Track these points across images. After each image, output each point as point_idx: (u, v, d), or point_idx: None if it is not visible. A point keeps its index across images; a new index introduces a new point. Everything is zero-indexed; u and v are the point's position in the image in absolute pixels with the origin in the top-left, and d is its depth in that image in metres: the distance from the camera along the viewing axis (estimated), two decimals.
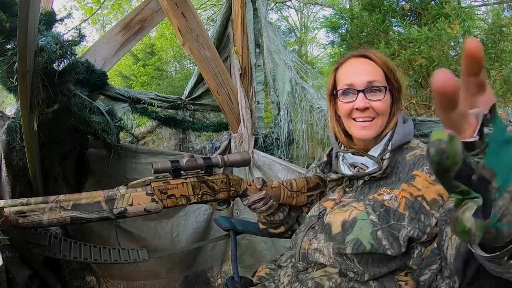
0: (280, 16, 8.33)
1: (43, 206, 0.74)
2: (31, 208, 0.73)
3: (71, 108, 1.31)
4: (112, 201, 0.80)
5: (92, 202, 0.78)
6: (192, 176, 0.89)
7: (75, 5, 4.95)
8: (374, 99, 0.82)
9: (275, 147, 1.90)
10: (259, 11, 1.96)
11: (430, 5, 2.22)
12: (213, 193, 0.91)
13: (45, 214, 0.74)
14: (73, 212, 0.76)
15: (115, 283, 1.72)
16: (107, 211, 0.79)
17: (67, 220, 0.76)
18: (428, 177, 0.76)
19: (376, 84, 0.82)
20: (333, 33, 2.75)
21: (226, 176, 0.95)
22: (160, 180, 0.86)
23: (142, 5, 1.96)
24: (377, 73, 0.84)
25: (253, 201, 0.96)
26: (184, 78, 5.65)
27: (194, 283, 1.90)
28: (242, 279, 1.07)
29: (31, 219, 0.73)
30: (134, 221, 1.72)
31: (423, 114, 2.14)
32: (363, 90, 0.82)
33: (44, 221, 0.74)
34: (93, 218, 0.78)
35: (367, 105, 0.82)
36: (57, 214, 0.75)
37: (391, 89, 0.85)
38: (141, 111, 1.92)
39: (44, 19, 1.28)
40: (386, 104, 0.84)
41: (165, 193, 0.84)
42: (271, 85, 1.90)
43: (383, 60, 0.85)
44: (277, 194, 0.99)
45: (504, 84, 1.95)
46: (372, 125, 0.83)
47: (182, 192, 0.87)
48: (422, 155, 0.80)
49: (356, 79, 0.84)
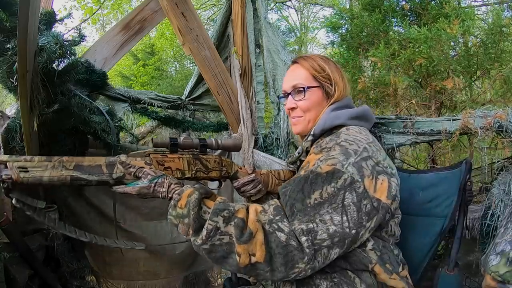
0: (280, 16, 8.33)
1: (46, 163, 0.76)
2: (34, 165, 0.74)
3: (71, 108, 1.31)
4: (112, 166, 0.82)
5: (93, 164, 0.80)
6: (188, 153, 0.96)
7: (75, 5, 4.94)
8: (298, 99, 0.96)
9: (275, 147, 1.90)
10: (259, 11, 1.96)
11: (430, 5, 2.21)
12: (206, 171, 0.98)
13: (47, 171, 0.75)
14: (74, 172, 0.78)
15: (115, 283, 1.72)
16: (106, 175, 0.81)
17: (67, 179, 0.77)
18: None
19: (298, 86, 0.96)
20: (333, 33, 2.74)
21: (219, 157, 1.03)
22: (158, 152, 0.91)
23: (142, 5, 1.96)
24: (301, 76, 0.97)
25: (243, 183, 1.03)
26: (184, 78, 5.64)
27: (194, 283, 1.90)
28: (240, 279, 1.07)
29: (32, 174, 0.74)
30: (134, 221, 1.72)
31: (423, 114, 2.14)
32: (290, 93, 0.98)
33: (44, 178, 0.75)
34: (93, 181, 0.80)
35: (293, 105, 0.98)
36: (59, 172, 0.76)
37: (320, 86, 0.95)
38: (141, 111, 1.92)
39: (44, 19, 1.28)
40: (309, 101, 0.95)
41: (162, 165, 0.89)
42: (271, 85, 1.90)
43: (310, 62, 0.97)
44: (265, 180, 1.07)
45: (504, 84, 1.95)
46: (299, 121, 0.98)
47: (178, 166, 0.92)
48: (331, 139, 0.87)
49: (285, 85, 1.00)
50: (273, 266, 0.72)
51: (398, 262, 0.86)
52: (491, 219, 1.24)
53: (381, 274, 0.81)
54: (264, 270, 0.72)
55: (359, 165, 0.77)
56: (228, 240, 0.73)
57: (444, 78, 2.02)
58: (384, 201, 0.78)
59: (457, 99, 2.16)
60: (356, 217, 0.74)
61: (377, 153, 0.83)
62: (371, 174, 0.78)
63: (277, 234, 0.73)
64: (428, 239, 1.01)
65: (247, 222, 0.74)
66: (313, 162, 0.83)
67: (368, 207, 0.76)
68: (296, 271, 0.72)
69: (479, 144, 1.35)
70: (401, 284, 0.82)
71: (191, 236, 0.75)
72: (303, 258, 0.71)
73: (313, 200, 0.75)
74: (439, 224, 1.01)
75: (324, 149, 0.85)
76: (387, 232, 0.85)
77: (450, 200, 1.00)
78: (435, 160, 1.96)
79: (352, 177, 0.75)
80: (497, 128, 1.21)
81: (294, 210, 0.76)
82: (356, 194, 0.75)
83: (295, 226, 0.74)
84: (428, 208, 1.04)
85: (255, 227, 0.73)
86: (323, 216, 0.74)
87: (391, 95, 2.05)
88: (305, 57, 1.00)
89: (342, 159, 0.78)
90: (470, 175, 0.99)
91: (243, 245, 0.71)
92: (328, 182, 0.76)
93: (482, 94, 2.16)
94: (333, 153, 0.81)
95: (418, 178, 1.09)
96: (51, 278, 1.44)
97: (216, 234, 0.73)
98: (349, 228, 0.74)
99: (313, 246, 0.71)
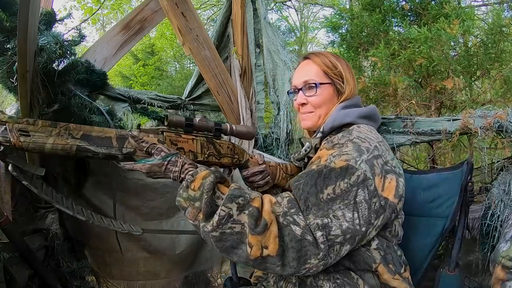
0: (280, 16, 8.33)
1: (50, 129, 0.68)
2: (37, 129, 0.66)
3: (71, 108, 1.31)
4: (123, 140, 0.76)
5: (103, 136, 0.73)
6: (202, 136, 0.92)
7: (75, 5, 4.95)
8: (309, 95, 0.96)
9: (275, 147, 1.90)
10: (259, 11, 1.96)
11: (430, 5, 2.21)
12: (218, 156, 0.94)
13: (51, 138, 0.67)
14: (81, 142, 0.70)
15: (115, 283, 1.72)
16: (116, 149, 0.74)
17: (72, 149, 0.69)
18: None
19: (310, 81, 0.95)
20: (333, 33, 2.74)
21: (232, 144, 1.00)
22: (172, 131, 0.86)
23: (142, 5, 1.96)
24: (313, 72, 0.96)
25: (252, 173, 1.01)
26: (184, 78, 5.64)
27: (194, 283, 1.90)
28: (241, 279, 1.07)
29: (34, 139, 0.66)
30: (134, 221, 1.72)
31: (423, 114, 2.14)
32: (301, 89, 0.97)
33: (47, 145, 0.67)
34: (100, 153, 0.73)
35: (304, 101, 0.97)
36: (64, 140, 0.68)
37: (331, 82, 0.95)
38: (141, 111, 1.92)
39: (44, 19, 1.28)
40: (321, 97, 0.94)
41: (175, 145, 0.84)
42: (271, 85, 1.90)
43: (321, 59, 0.96)
44: (273, 172, 1.05)
45: (504, 84, 1.95)
46: (309, 116, 0.97)
47: (191, 147, 0.88)
48: (343, 136, 0.86)
49: (296, 80, 0.99)
50: (285, 260, 0.70)
51: (401, 263, 0.85)
52: (491, 219, 1.24)
53: (384, 274, 0.80)
54: (275, 264, 0.70)
55: (371, 162, 0.77)
56: (240, 229, 0.70)
57: (444, 78, 2.03)
58: (392, 200, 0.78)
59: (457, 99, 2.16)
60: (366, 214, 0.74)
61: (386, 152, 0.82)
62: (381, 173, 0.77)
63: (292, 228, 0.70)
64: (429, 239, 1.01)
65: (262, 212, 0.71)
66: (326, 157, 0.81)
67: (377, 205, 0.75)
68: (308, 266, 0.70)
69: (479, 144, 1.35)
70: (403, 285, 0.82)
71: (200, 222, 0.71)
72: (317, 254, 0.69)
73: (326, 195, 0.74)
74: (440, 224, 1.01)
75: (336, 144, 0.84)
76: (391, 232, 0.85)
77: (451, 200, 1.00)
78: (435, 160, 1.97)
79: (365, 174, 0.75)
80: (497, 128, 1.22)
81: (309, 204, 0.74)
82: (368, 191, 0.74)
83: (310, 221, 0.72)
84: (429, 208, 1.04)
85: (270, 218, 0.71)
86: (336, 212, 0.73)
87: (391, 95, 2.06)
88: (317, 53, 0.99)
89: (355, 155, 0.77)
90: (471, 175, 0.99)
91: (257, 236, 0.68)
92: (342, 177, 0.75)
93: (482, 94, 2.16)
94: (346, 149, 0.80)
95: (420, 178, 1.09)
96: (51, 278, 1.44)
97: (228, 221, 0.69)
98: (360, 225, 0.73)
99: (327, 242, 0.70)
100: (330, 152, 0.82)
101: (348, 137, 0.84)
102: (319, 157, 0.85)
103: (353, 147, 0.80)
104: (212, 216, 0.70)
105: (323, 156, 0.83)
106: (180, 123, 0.87)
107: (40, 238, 1.45)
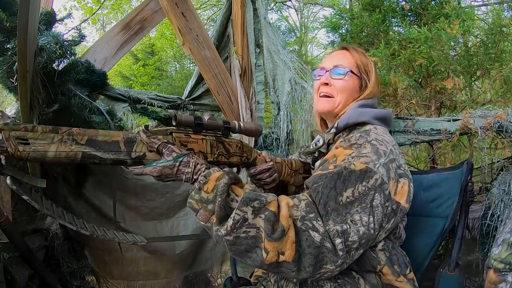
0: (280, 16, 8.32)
1: (52, 135, 0.62)
2: (37, 136, 0.61)
3: (71, 108, 1.31)
4: (132, 143, 0.71)
5: (109, 140, 0.69)
6: (211, 135, 0.89)
7: (75, 5, 4.94)
8: (336, 78, 0.96)
9: (275, 147, 1.90)
10: (259, 11, 1.96)
11: (430, 5, 2.21)
12: (227, 155, 0.92)
13: (53, 145, 0.62)
14: (86, 148, 0.65)
15: (115, 283, 1.72)
16: (124, 153, 0.70)
17: (77, 156, 0.64)
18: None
19: (341, 66, 0.96)
20: (333, 33, 2.74)
21: (241, 142, 0.97)
22: (181, 131, 0.82)
23: (142, 5, 1.96)
24: (346, 61, 0.97)
25: (260, 170, 1.00)
26: (184, 78, 5.64)
27: (194, 283, 1.90)
28: (241, 279, 1.06)
29: (34, 148, 0.60)
30: (134, 221, 1.72)
31: (423, 114, 2.14)
32: (330, 70, 0.97)
33: (50, 153, 0.61)
34: (108, 159, 0.68)
35: (328, 81, 0.96)
36: (67, 147, 0.63)
37: (360, 77, 0.96)
38: (141, 111, 1.92)
39: (44, 19, 1.28)
40: (347, 83, 0.95)
41: (185, 146, 0.80)
42: (271, 85, 1.90)
43: (359, 54, 0.98)
44: (279, 169, 1.03)
45: (504, 84, 1.95)
46: (330, 100, 0.96)
47: (201, 148, 0.84)
48: (361, 136, 0.85)
49: (327, 63, 1.00)
50: (301, 265, 0.68)
51: (406, 263, 0.85)
52: (491, 219, 1.24)
53: (388, 275, 0.80)
54: (291, 269, 0.68)
55: (388, 166, 0.77)
56: (255, 233, 0.67)
57: (444, 78, 2.02)
58: (403, 204, 0.78)
59: (457, 99, 2.16)
60: (380, 218, 0.74)
61: (399, 156, 0.82)
62: (395, 177, 0.77)
63: (311, 233, 0.68)
64: (429, 239, 1.01)
65: (279, 217, 0.69)
66: (343, 157, 0.80)
67: (389, 209, 0.75)
68: (323, 271, 0.69)
69: (479, 144, 1.35)
70: (407, 287, 0.82)
71: (214, 225, 0.68)
72: (336, 261, 0.68)
73: (345, 198, 0.73)
74: (441, 224, 1.01)
75: (354, 144, 0.83)
76: (395, 234, 0.85)
77: (452, 200, 1.00)
78: (435, 160, 1.97)
79: (382, 178, 0.74)
80: (497, 128, 1.22)
81: (328, 209, 0.72)
82: (383, 195, 0.74)
83: (329, 227, 0.70)
84: (430, 208, 1.04)
85: (287, 223, 0.68)
86: (353, 216, 0.72)
87: (391, 95, 2.05)
88: (355, 48, 1.01)
89: (374, 158, 0.77)
90: (471, 175, 0.99)
91: (274, 243, 0.66)
92: (361, 180, 0.74)
93: (482, 94, 2.16)
94: (365, 151, 0.79)
95: (420, 178, 1.09)
96: (51, 278, 1.44)
97: (242, 225, 0.67)
98: (374, 229, 0.73)
99: (345, 249, 0.69)
100: (347, 152, 0.81)
101: (366, 138, 0.83)
102: (335, 155, 0.83)
103: (371, 149, 0.79)
104: (226, 219, 0.68)
105: (340, 155, 0.81)
106: (189, 123, 0.83)
107: (40, 238, 1.45)
